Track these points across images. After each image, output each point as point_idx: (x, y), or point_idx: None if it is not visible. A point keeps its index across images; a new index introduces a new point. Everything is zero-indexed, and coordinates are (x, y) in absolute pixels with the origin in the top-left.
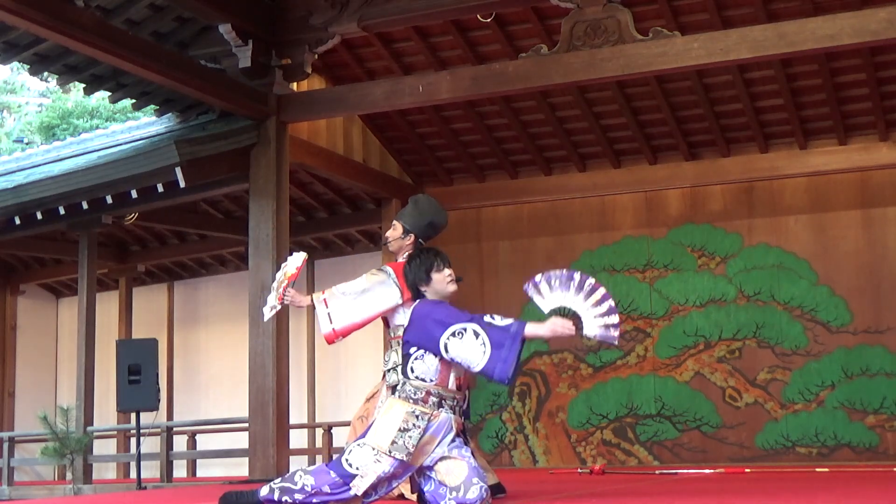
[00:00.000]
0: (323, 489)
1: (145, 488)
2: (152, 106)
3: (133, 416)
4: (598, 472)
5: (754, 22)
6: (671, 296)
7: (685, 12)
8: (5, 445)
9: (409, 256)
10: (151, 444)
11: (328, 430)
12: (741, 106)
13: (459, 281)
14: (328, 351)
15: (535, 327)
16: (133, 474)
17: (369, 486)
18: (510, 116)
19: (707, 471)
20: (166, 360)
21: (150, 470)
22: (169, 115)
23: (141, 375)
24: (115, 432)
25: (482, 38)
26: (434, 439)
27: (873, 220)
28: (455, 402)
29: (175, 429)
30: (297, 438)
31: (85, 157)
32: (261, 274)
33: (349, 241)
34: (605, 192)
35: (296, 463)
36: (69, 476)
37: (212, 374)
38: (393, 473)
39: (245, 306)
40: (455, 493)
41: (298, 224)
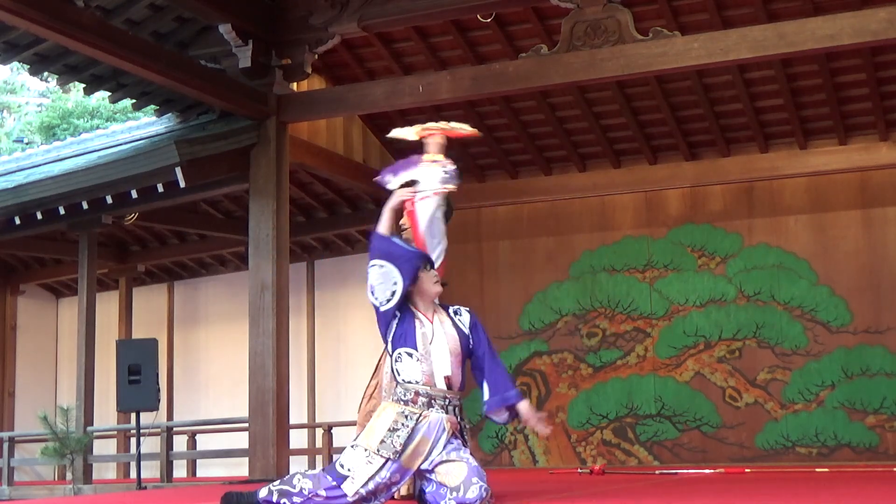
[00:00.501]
0: (319, 492)
1: (145, 488)
2: (152, 106)
3: (133, 416)
4: (598, 472)
5: (754, 22)
6: (671, 296)
7: (685, 12)
8: (5, 445)
9: None
10: (151, 444)
11: (328, 430)
12: (741, 106)
13: (444, 286)
14: (328, 351)
15: (385, 211)
16: (133, 474)
17: (368, 492)
18: (510, 116)
19: (707, 471)
20: (166, 360)
21: (150, 470)
22: (169, 115)
23: (141, 375)
24: (115, 432)
25: (482, 38)
26: (427, 440)
27: (873, 220)
28: (447, 402)
29: (175, 429)
30: (297, 438)
31: (85, 157)
32: (261, 274)
33: (349, 241)
34: (605, 192)
35: (296, 463)
36: (69, 476)
37: (212, 374)
38: (391, 480)
39: (245, 306)
40: (455, 493)
41: (298, 224)
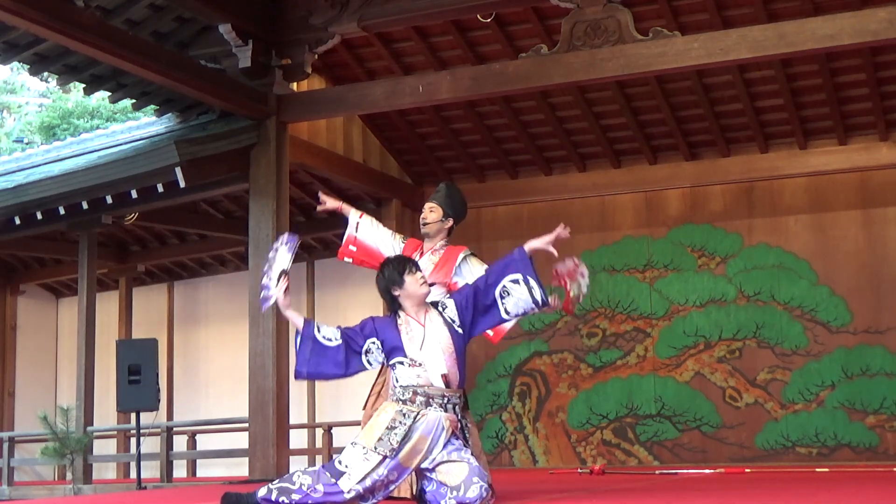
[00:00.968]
0: (317, 488)
1: (145, 488)
2: (152, 106)
3: (133, 416)
4: (598, 472)
5: (754, 22)
6: (671, 296)
7: (685, 12)
8: (5, 445)
9: (381, 264)
10: (151, 444)
11: (328, 430)
12: (741, 106)
13: (433, 286)
14: None
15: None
16: (133, 474)
17: (365, 489)
18: (510, 116)
19: (707, 471)
20: (166, 360)
21: (150, 470)
22: (169, 115)
23: (141, 375)
24: (115, 432)
25: (482, 38)
26: (426, 439)
27: (873, 220)
28: (445, 400)
29: (175, 429)
30: (297, 438)
31: (85, 157)
32: (261, 274)
33: None
34: (605, 192)
35: (296, 463)
36: (69, 476)
37: (212, 374)
38: (388, 478)
39: (245, 306)
40: (455, 492)
41: (298, 224)
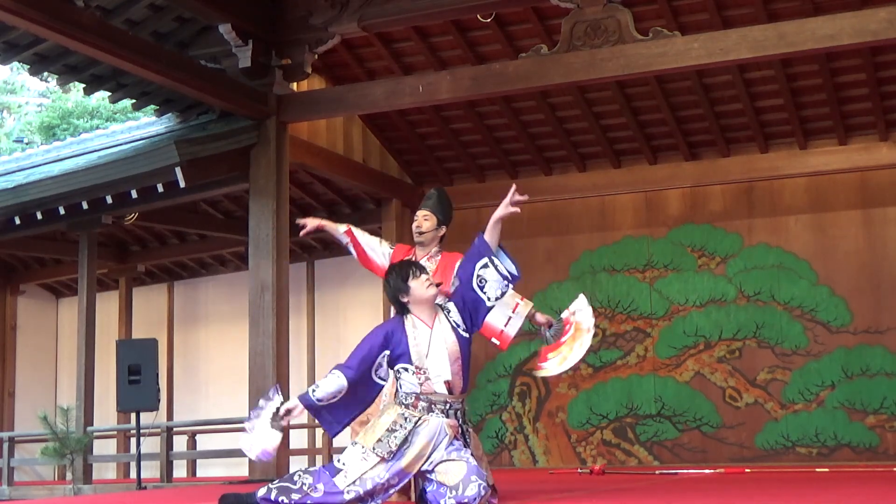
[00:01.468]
0: (318, 487)
1: (145, 488)
2: (152, 106)
3: (133, 416)
4: (598, 472)
5: (754, 22)
6: (671, 296)
7: (685, 12)
8: (5, 445)
9: (385, 273)
10: (151, 444)
11: None
12: (741, 106)
13: (439, 286)
14: (328, 351)
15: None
16: (133, 474)
17: (366, 492)
18: (510, 116)
19: (707, 471)
20: (166, 360)
21: (150, 470)
22: (169, 115)
23: (141, 375)
24: (115, 432)
25: (482, 38)
26: (429, 444)
27: (873, 220)
28: (447, 406)
29: (175, 429)
30: (297, 438)
31: (85, 157)
32: (261, 274)
33: None
34: (605, 192)
35: (296, 463)
36: (69, 476)
37: (212, 374)
38: (389, 482)
39: (245, 306)
40: (454, 491)
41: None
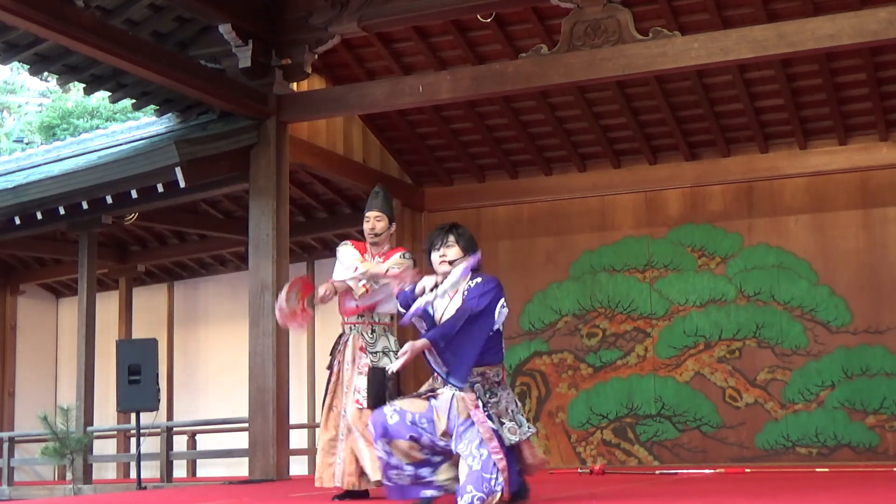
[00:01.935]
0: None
1: (145, 488)
2: (152, 106)
3: (133, 416)
4: (598, 473)
5: (754, 22)
6: (671, 296)
7: (685, 12)
8: (5, 445)
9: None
10: (151, 444)
11: None
12: (741, 106)
13: (452, 263)
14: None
15: None
16: (133, 474)
17: (410, 422)
18: (510, 116)
19: (707, 471)
20: (166, 360)
21: (150, 470)
22: (169, 115)
23: (141, 375)
24: (115, 432)
25: (482, 38)
26: (442, 417)
27: (873, 220)
28: None
29: (175, 429)
30: (297, 438)
31: (85, 157)
32: (261, 274)
33: None
34: (605, 192)
35: (296, 463)
36: (69, 476)
37: (212, 374)
38: (432, 440)
39: (245, 306)
40: (462, 489)
41: (298, 224)
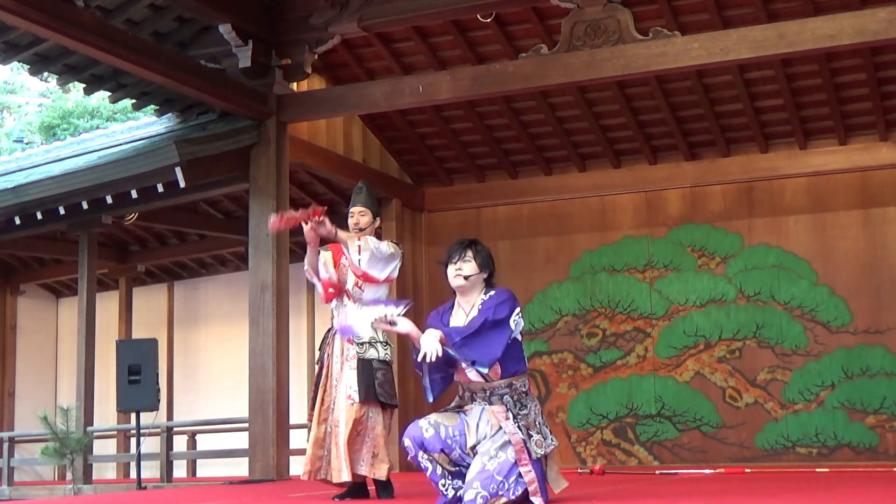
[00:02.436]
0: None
1: (145, 488)
2: (152, 106)
3: (133, 416)
4: (598, 472)
5: (754, 22)
6: (671, 296)
7: (685, 12)
8: (5, 445)
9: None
10: (151, 444)
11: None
12: (741, 106)
13: (467, 279)
14: None
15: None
16: (133, 474)
17: (444, 436)
18: (510, 116)
19: (707, 471)
20: (166, 360)
21: (150, 470)
22: (169, 115)
23: (141, 375)
24: (115, 432)
25: (482, 38)
26: (471, 430)
27: (873, 220)
28: (487, 393)
29: (175, 429)
30: (297, 438)
31: (85, 157)
32: (261, 274)
33: None
34: (605, 192)
35: (296, 463)
36: (69, 476)
37: (212, 374)
38: (461, 451)
39: (245, 306)
40: (468, 484)
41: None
